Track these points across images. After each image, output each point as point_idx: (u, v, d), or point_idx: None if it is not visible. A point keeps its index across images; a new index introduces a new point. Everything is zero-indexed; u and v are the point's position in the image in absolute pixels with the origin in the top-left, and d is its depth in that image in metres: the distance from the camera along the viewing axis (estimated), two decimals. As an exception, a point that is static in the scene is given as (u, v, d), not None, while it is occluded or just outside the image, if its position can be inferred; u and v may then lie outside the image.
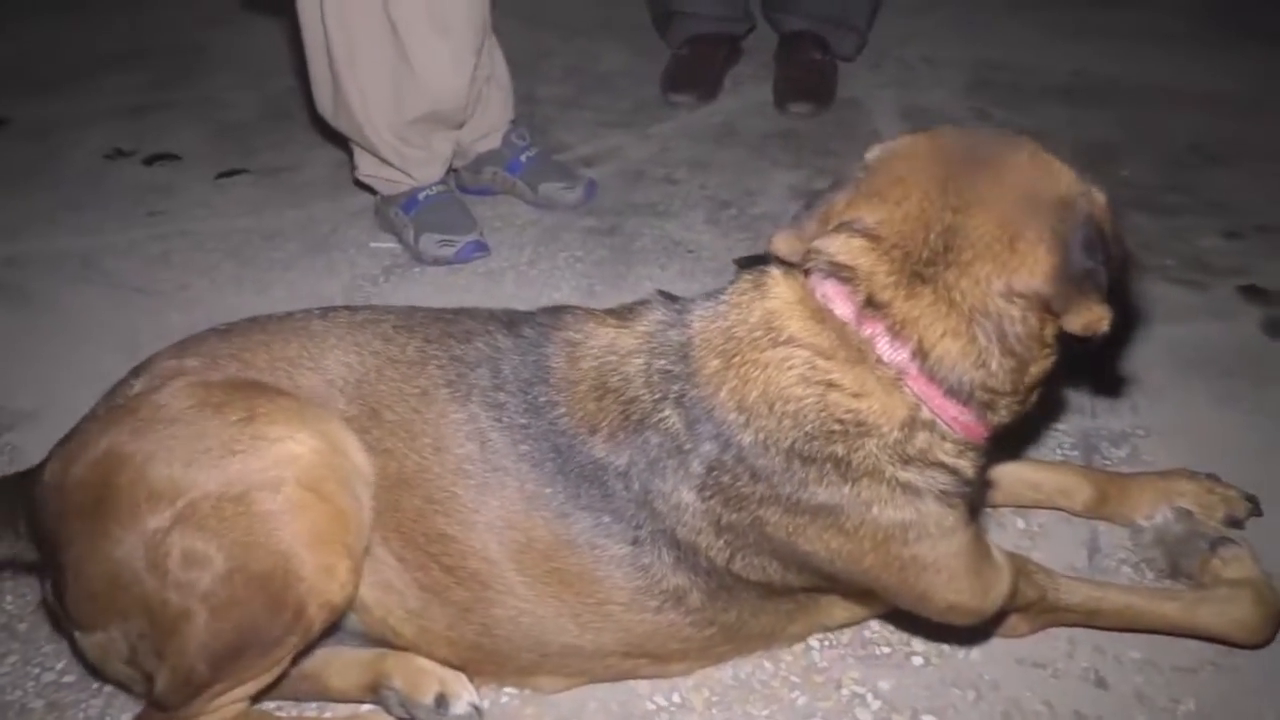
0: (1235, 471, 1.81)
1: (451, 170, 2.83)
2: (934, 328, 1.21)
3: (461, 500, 1.39)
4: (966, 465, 1.29)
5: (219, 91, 3.59)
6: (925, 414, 1.24)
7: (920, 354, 1.21)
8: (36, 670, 1.54)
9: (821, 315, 1.25)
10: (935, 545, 1.29)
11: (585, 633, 1.42)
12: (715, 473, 1.30)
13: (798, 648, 1.56)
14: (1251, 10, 4.19)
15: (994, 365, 1.22)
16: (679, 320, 1.38)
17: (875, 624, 1.60)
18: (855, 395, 1.24)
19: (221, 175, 3.05)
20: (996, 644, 1.56)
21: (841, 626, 1.58)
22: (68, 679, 1.53)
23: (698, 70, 3.53)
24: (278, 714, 1.49)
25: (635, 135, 3.30)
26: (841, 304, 1.24)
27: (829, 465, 1.26)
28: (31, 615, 1.63)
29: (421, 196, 2.58)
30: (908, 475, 1.26)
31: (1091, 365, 2.08)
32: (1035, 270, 1.19)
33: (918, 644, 1.57)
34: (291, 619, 1.32)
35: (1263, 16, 4.12)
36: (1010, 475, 1.77)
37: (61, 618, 1.42)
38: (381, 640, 1.48)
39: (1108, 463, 1.92)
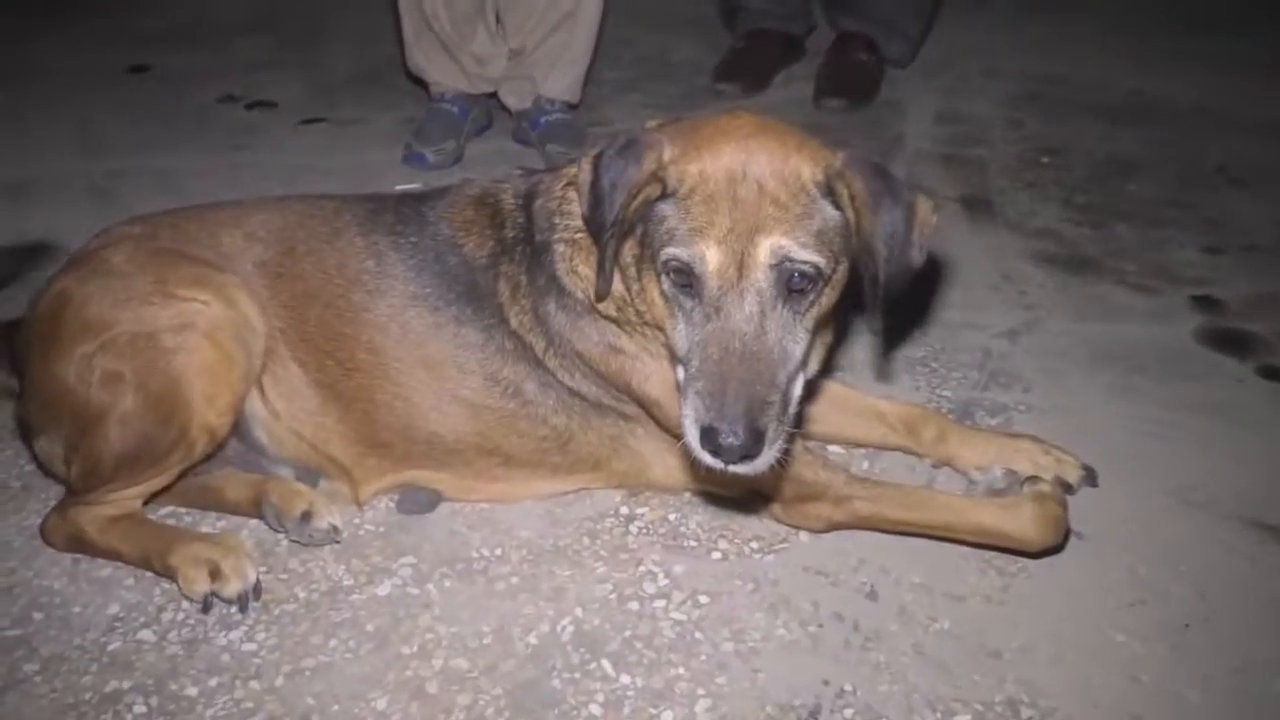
0: (1096, 451, 1.91)
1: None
2: None
3: (355, 303, 1.74)
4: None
5: (325, 57, 4.08)
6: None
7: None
8: (22, 462, 1.95)
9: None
10: (620, 343, 1.65)
11: (446, 419, 1.74)
12: (537, 262, 1.67)
13: (616, 530, 1.79)
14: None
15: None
16: (535, 174, 1.84)
17: (693, 522, 1.81)
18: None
19: (303, 122, 3.50)
20: (792, 553, 1.74)
21: (663, 489, 1.82)
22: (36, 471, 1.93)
23: (749, 63, 3.74)
24: (172, 520, 1.83)
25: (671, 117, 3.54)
26: None
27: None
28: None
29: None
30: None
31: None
32: None
33: (723, 544, 1.77)
34: (177, 435, 1.65)
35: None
36: (860, 405, 1.93)
37: (25, 427, 1.81)
38: (288, 455, 1.81)
39: (977, 428, 2.04)
